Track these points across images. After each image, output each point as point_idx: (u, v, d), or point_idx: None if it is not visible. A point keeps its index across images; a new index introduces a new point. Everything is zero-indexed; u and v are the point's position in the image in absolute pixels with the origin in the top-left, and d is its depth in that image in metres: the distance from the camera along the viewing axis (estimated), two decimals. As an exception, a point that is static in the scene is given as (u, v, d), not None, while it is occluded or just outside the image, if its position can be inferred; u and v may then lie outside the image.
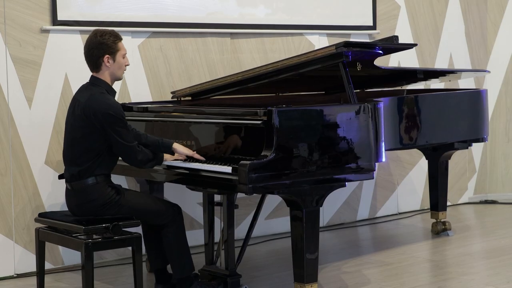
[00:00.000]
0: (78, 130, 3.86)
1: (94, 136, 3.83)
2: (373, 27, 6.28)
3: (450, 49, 6.80)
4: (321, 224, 5.85)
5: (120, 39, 3.95)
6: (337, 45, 4.13)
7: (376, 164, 4.10)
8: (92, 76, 3.97)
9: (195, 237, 5.27)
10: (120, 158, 3.99)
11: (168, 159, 4.07)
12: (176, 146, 4.08)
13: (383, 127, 4.17)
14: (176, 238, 4.01)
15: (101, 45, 3.88)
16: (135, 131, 4.14)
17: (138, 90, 5.21)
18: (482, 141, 5.47)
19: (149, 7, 5.21)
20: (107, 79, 3.95)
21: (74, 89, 4.54)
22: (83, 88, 3.99)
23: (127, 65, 4.00)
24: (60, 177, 4.10)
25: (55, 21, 4.84)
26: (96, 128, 3.81)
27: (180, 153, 4.07)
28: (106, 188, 3.89)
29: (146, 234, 4.18)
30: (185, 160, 4.11)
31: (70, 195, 3.94)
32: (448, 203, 6.04)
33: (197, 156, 4.06)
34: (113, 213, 3.88)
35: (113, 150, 3.89)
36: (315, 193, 3.87)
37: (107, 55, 3.89)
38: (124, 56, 3.95)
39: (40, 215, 4.14)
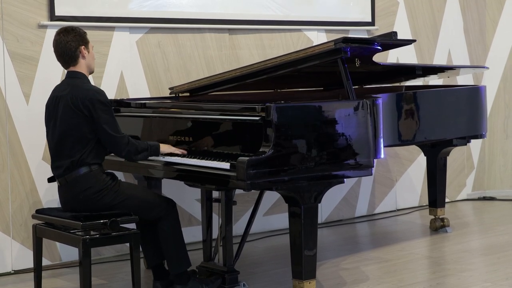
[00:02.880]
0: (66, 122, 3.86)
1: (84, 125, 3.83)
2: (372, 23, 6.27)
3: (448, 45, 6.80)
4: (319, 221, 5.84)
5: (86, 33, 4.06)
6: (335, 41, 4.12)
7: (375, 160, 4.09)
8: (69, 72, 3.99)
9: (193, 234, 5.26)
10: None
11: (164, 151, 4.07)
12: (162, 149, 4.08)
13: (382, 124, 4.16)
14: (171, 232, 4.01)
15: (76, 37, 3.95)
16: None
17: (136, 86, 5.20)
18: (481, 138, 5.47)
19: (147, 2, 5.19)
20: (85, 71, 3.99)
21: (72, 85, 4.52)
22: (61, 85, 4.01)
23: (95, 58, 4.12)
24: (50, 180, 4.09)
25: (52, 17, 4.83)
26: (85, 116, 3.82)
27: (166, 153, 4.09)
28: (101, 175, 3.89)
29: (142, 231, 4.16)
30: (183, 156, 4.10)
31: (64, 190, 3.92)
32: (447, 200, 6.04)
33: (178, 151, 4.10)
34: (110, 200, 3.86)
35: (101, 142, 3.89)
36: (314, 189, 3.87)
37: (82, 46, 3.96)
38: (93, 48, 4.05)
39: (38, 211, 4.12)
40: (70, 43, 3.93)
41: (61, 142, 3.89)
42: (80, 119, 3.83)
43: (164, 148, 4.08)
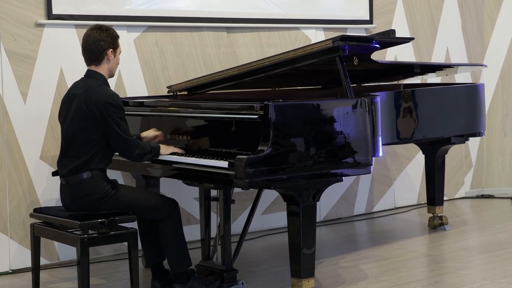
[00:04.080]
0: (77, 122, 3.85)
1: (94, 127, 3.82)
2: (370, 21, 6.26)
3: (446, 43, 6.79)
4: (317, 219, 5.84)
5: (119, 37, 4.03)
6: (334, 39, 4.11)
7: (373, 158, 4.09)
8: (89, 70, 3.97)
9: (191, 232, 5.25)
10: (117, 153, 3.98)
11: (164, 153, 4.07)
12: (163, 150, 4.08)
13: (380, 122, 4.16)
14: (173, 233, 4.00)
15: (107, 38, 3.92)
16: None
17: (134, 85, 5.19)
18: (479, 136, 5.47)
19: (144, 1, 5.18)
20: (105, 73, 3.97)
21: (69, 83, 4.52)
22: (79, 82, 3.99)
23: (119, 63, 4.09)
24: (54, 174, 4.09)
25: (50, 15, 4.82)
26: (96, 119, 3.81)
27: (166, 154, 4.08)
28: (102, 183, 3.87)
29: (142, 230, 4.16)
30: (181, 155, 4.09)
31: (65, 190, 3.93)
32: (445, 198, 6.03)
33: (176, 149, 4.11)
34: (109, 207, 3.86)
35: (110, 144, 3.87)
36: (312, 187, 3.86)
37: (111, 49, 3.93)
38: (120, 54, 4.03)
39: (35, 210, 4.12)
40: (100, 43, 3.90)
41: (70, 142, 3.89)
42: (90, 121, 3.82)
43: (163, 149, 4.08)
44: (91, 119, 3.82)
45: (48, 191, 4.82)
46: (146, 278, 4.42)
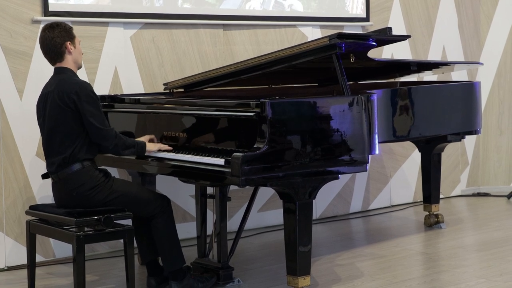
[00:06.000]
0: (54, 118, 3.85)
1: (71, 119, 3.82)
2: (366, 19, 6.27)
3: (443, 41, 6.80)
4: (314, 217, 5.83)
5: (72, 28, 4.03)
6: (330, 37, 4.11)
7: (370, 156, 4.09)
8: (56, 68, 3.97)
9: (187, 230, 5.25)
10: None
11: (151, 150, 4.05)
12: (149, 148, 4.06)
13: (377, 119, 4.16)
14: (166, 229, 4.00)
15: (61, 32, 3.91)
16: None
17: (130, 82, 5.18)
18: (475, 134, 5.48)
19: (141, -2, 5.19)
20: (72, 67, 3.96)
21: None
22: (49, 81, 4.00)
23: (82, 53, 4.08)
24: (44, 176, 4.07)
25: (46, 12, 4.81)
26: (72, 111, 3.81)
27: (153, 151, 4.07)
28: (94, 172, 3.87)
29: (136, 227, 4.15)
30: (177, 153, 4.08)
31: (58, 186, 3.92)
32: (441, 196, 6.03)
33: (164, 147, 4.11)
34: (104, 197, 3.85)
35: (89, 135, 3.88)
36: (308, 185, 3.86)
37: (68, 41, 3.93)
38: (79, 43, 4.02)
39: (31, 207, 4.11)
40: (55, 39, 3.90)
41: (51, 139, 3.88)
42: (67, 114, 3.82)
43: (151, 147, 4.06)
44: (67, 112, 3.81)
45: (44, 188, 4.82)
46: (142, 275, 4.42)
